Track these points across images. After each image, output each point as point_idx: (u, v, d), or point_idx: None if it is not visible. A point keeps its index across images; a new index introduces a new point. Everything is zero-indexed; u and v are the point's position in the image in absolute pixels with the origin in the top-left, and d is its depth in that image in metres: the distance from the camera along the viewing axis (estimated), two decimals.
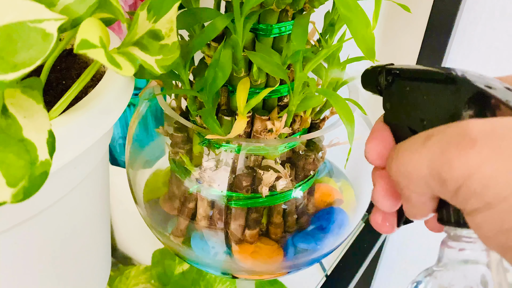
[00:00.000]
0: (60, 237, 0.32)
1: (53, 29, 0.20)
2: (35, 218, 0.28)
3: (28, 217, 0.27)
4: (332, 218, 0.42)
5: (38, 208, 0.28)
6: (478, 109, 0.19)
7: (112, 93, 0.29)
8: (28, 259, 0.30)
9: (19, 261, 0.30)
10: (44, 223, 0.30)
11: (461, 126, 0.18)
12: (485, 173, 0.17)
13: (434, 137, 0.19)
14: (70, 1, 0.21)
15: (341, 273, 0.49)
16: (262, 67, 0.32)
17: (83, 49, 0.19)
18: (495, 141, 0.17)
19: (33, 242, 0.30)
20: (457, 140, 0.18)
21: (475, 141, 0.17)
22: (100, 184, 0.36)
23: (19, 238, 0.28)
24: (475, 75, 0.20)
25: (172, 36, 0.24)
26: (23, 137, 0.21)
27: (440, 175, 0.18)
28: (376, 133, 0.24)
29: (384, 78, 0.24)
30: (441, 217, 0.21)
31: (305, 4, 0.34)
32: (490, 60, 0.46)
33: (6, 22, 0.19)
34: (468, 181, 0.17)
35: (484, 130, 0.17)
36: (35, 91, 0.22)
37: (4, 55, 0.19)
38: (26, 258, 0.30)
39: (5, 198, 0.19)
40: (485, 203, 0.17)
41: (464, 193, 0.18)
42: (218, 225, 0.39)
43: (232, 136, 0.33)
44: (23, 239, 0.29)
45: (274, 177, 0.36)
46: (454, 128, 0.18)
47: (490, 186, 0.17)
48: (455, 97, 0.20)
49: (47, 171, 0.21)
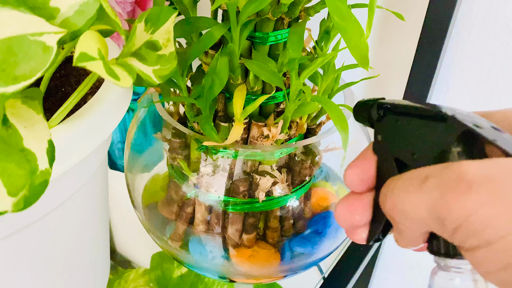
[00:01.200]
0: (60, 242, 0.33)
1: (53, 42, 0.20)
2: (34, 224, 0.28)
3: (27, 224, 0.28)
4: (328, 222, 0.42)
5: (38, 215, 0.28)
6: (467, 147, 0.20)
7: (111, 101, 0.29)
8: (28, 264, 0.31)
9: (19, 266, 0.30)
10: (44, 229, 0.30)
11: (456, 170, 0.19)
12: (483, 215, 0.18)
13: (431, 180, 0.20)
14: (69, 14, 0.21)
15: (339, 276, 0.50)
16: (259, 75, 0.33)
17: (82, 62, 0.19)
18: (490, 186, 0.18)
19: (32, 248, 0.30)
20: (454, 184, 0.19)
21: (471, 185, 0.18)
22: (99, 189, 0.37)
23: (19, 244, 0.29)
24: (463, 114, 0.21)
25: (169, 47, 0.25)
26: (23, 147, 0.21)
27: (439, 216, 0.19)
28: (360, 161, 0.25)
29: (376, 111, 0.24)
30: (432, 248, 0.22)
31: (301, 13, 0.34)
32: (484, 67, 0.47)
33: (7, 35, 0.20)
34: (467, 222, 0.18)
35: (479, 174, 0.18)
36: (35, 101, 0.22)
37: (5, 67, 0.20)
38: (26, 263, 0.30)
39: (6, 207, 0.19)
40: (484, 241, 0.18)
41: (463, 232, 0.18)
42: (216, 230, 0.40)
43: (229, 143, 0.34)
44: (23, 245, 0.29)
45: (271, 182, 0.37)
46: (450, 172, 0.19)
47: (489, 226, 0.18)
48: (444, 134, 0.21)
49: (47, 180, 0.21)
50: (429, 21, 0.42)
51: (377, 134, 0.24)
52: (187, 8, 0.33)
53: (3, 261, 0.29)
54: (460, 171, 0.19)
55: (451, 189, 0.19)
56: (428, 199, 0.19)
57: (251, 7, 0.30)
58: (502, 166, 0.19)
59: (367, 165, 0.24)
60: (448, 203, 0.18)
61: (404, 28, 0.49)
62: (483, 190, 0.18)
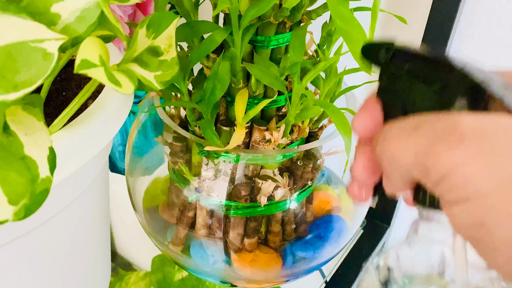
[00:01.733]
0: (60, 247, 0.33)
1: (53, 49, 0.20)
2: (35, 230, 0.28)
3: (28, 230, 0.28)
4: (330, 226, 0.42)
5: (38, 222, 0.28)
6: (471, 101, 0.20)
7: (112, 107, 0.29)
8: (30, 269, 0.30)
9: (21, 272, 0.30)
10: (44, 235, 0.30)
11: (451, 120, 0.19)
12: (467, 170, 0.18)
13: (423, 128, 0.19)
14: (70, 20, 0.21)
15: (341, 280, 0.50)
16: (260, 79, 0.33)
17: (84, 69, 0.19)
18: (482, 140, 0.18)
19: (33, 253, 0.30)
20: (446, 134, 0.18)
21: (462, 138, 0.18)
22: (100, 194, 0.37)
23: (20, 249, 0.29)
24: (475, 68, 0.20)
25: (171, 52, 0.25)
26: (24, 154, 0.21)
27: (424, 165, 0.19)
28: (367, 107, 0.24)
29: (384, 53, 0.23)
30: (417, 197, 0.22)
31: (303, 16, 0.34)
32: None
33: (8, 42, 0.20)
34: (451, 175, 0.18)
35: (474, 127, 0.18)
36: (36, 108, 0.22)
37: (5, 74, 0.19)
38: (27, 268, 0.30)
39: (7, 216, 0.19)
40: (463, 197, 0.18)
41: (445, 184, 0.18)
42: (217, 234, 0.39)
43: (230, 148, 0.34)
44: (24, 251, 0.29)
45: (273, 186, 0.37)
46: (444, 121, 0.19)
47: (471, 183, 0.18)
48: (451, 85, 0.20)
49: (48, 188, 0.21)
50: (432, 24, 0.42)
51: (382, 77, 0.23)
52: (188, 12, 0.33)
53: (4, 267, 0.29)
54: (455, 122, 0.18)
55: (442, 139, 0.18)
56: (416, 146, 0.19)
57: (253, 11, 0.29)
58: (500, 123, 0.18)
59: (373, 111, 0.24)
60: (436, 153, 0.18)
61: (406, 31, 0.48)
62: (473, 145, 0.18)
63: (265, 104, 0.34)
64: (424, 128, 0.19)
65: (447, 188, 0.18)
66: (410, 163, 0.19)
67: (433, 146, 0.18)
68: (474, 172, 0.18)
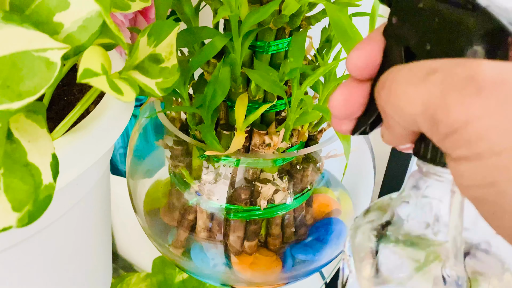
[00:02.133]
0: (63, 249, 0.33)
1: (56, 58, 0.20)
2: (37, 235, 0.29)
3: (30, 235, 0.28)
4: (330, 229, 0.43)
5: (41, 226, 0.28)
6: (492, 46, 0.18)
7: (113, 112, 0.29)
8: (32, 272, 0.31)
9: (23, 274, 0.30)
10: (47, 238, 0.30)
11: (469, 68, 0.17)
12: (483, 124, 0.16)
13: (438, 74, 0.17)
14: (73, 30, 0.21)
15: None
16: (260, 84, 0.33)
17: (86, 78, 0.20)
18: (502, 92, 0.16)
19: (36, 256, 0.30)
20: (463, 84, 0.16)
21: (481, 89, 0.16)
22: (101, 197, 0.37)
23: (23, 253, 0.29)
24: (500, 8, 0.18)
25: (172, 59, 0.25)
26: (27, 161, 0.21)
27: (433, 117, 0.17)
28: (368, 44, 0.22)
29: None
30: (417, 151, 0.20)
31: (302, 22, 0.35)
32: None
33: (12, 51, 0.20)
34: (464, 129, 0.16)
35: (494, 77, 0.16)
36: (39, 115, 0.22)
37: (9, 83, 0.20)
38: (30, 270, 0.31)
39: (11, 222, 0.20)
40: (475, 153, 0.16)
41: (455, 139, 0.17)
42: (218, 237, 0.40)
43: (230, 152, 0.34)
44: (27, 254, 0.29)
45: (272, 190, 0.37)
46: (462, 69, 0.17)
47: (486, 138, 0.16)
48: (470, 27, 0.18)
49: (51, 194, 0.21)
50: None
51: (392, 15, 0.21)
52: (189, 18, 0.34)
53: (7, 270, 0.29)
54: (474, 70, 0.16)
55: (457, 89, 0.16)
56: (427, 95, 0.17)
57: (252, 18, 0.30)
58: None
59: (374, 49, 0.21)
60: (449, 103, 0.16)
61: None
62: (493, 97, 0.16)
63: (265, 109, 0.35)
64: (438, 75, 0.17)
65: (457, 143, 0.17)
66: (417, 113, 0.18)
67: (446, 95, 0.17)
68: (490, 127, 0.16)
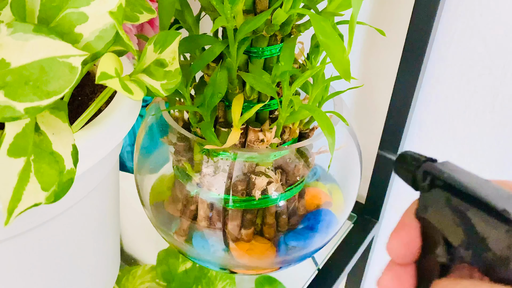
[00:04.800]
0: (73, 240, 0.36)
1: (77, 63, 0.24)
2: (57, 217, 0.32)
3: (52, 217, 0.32)
4: (320, 219, 0.46)
5: (60, 210, 0.32)
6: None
7: (122, 111, 0.33)
8: (42, 259, 0.34)
9: (34, 262, 0.33)
10: (64, 223, 0.34)
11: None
12: None
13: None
14: (91, 39, 0.25)
15: (332, 267, 0.54)
16: (254, 86, 0.37)
17: (103, 80, 0.24)
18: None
19: (47, 244, 0.33)
20: None
21: None
22: (111, 188, 0.41)
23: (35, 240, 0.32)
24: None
25: (175, 64, 0.29)
26: (52, 150, 0.25)
27: None
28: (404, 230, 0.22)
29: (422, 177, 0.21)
30: None
31: (292, 29, 0.38)
32: (463, 74, 0.51)
33: (41, 57, 0.24)
34: None
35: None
36: (62, 112, 0.26)
37: (39, 84, 0.24)
38: (40, 258, 0.34)
39: (40, 199, 0.23)
40: None
41: None
42: (217, 225, 0.43)
43: (227, 146, 0.38)
44: (38, 241, 0.32)
45: (266, 182, 0.41)
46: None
47: None
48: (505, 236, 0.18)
49: (72, 178, 0.25)
50: (412, 33, 0.46)
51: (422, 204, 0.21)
52: (190, 26, 0.38)
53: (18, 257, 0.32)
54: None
55: None
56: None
57: (246, 27, 0.34)
58: None
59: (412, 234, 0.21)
60: None
61: (389, 40, 0.53)
62: None
63: (259, 108, 0.38)
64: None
65: None
66: None
67: None
68: None
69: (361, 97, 0.58)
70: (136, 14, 0.30)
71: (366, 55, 0.56)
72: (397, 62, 0.49)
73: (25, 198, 0.23)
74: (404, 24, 0.47)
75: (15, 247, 0.31)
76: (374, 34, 0.54)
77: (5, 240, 0.30)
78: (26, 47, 0.24)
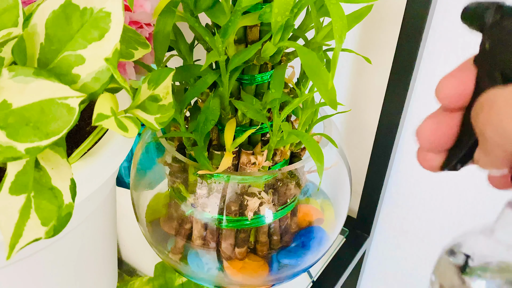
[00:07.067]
0: (75, 257, 0.38)
1: (75, 104, 0.26)
2: (55, 243, 0.34)
3: (50, 243, 0.33)
4: (312, 236, 0.48)
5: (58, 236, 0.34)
6: None
7: (118, 140, 0.35)
8: (46, 277, 0.36)
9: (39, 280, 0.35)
10: (62, 247, 0.35)
11: None
12: None
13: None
14: (87, 80, 0.27)
15: (326, 280, 0.55)
16: (245, 113, 0.38)
17: (99, 121, 0.25)
18: None
19: (52, 263, 0.35)
20: None
21: None
22: (109, 210, 0.42)
23: (40, 261, 0.34)
24: None
25: (168, 98, 0.31)
26: (52, 185, 0.27)
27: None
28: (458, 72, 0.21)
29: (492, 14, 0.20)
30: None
31: (282, 57, 0.40)
32: None
33: (41, 98, 0.25)
34: None
35: None
36: (60, 147, 0.28)
37: (39, 125, 0.25)
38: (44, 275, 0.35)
39: (40, 235, 0.25)
40: None
41: None
42: (211, 244, 0.45)
43: (220, 171, 0.39)
44: (44, 261, 0.34)
45: (258, 203, 0.42)
46: None
47: None
48: None
49: (71, 212, 0.27)
50: (399, 57, 0.48)
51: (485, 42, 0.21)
52: (185, 55, 0.39)
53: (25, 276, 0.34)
54: None
55: None
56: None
57: (237, 58, 0.35)
58: None
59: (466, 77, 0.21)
60: None
61: (377, 63, 0.54)
62: None
63: (251, 133, 0.40)
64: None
65: None
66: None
67: None
68: None
69: (351, 115, 0.60)
70: (131, 51, 0.31)
71: (355, 77, 0.57)
72: (385, 83, 0.50)
73: (26, 234, 0.24)
74: (391, 47, 0.48)
75: (15, 271, 0.32)
76: (364, 47, 0.56)
77: (6, 266, 0.31)
78: (27, 89, 0.25)
